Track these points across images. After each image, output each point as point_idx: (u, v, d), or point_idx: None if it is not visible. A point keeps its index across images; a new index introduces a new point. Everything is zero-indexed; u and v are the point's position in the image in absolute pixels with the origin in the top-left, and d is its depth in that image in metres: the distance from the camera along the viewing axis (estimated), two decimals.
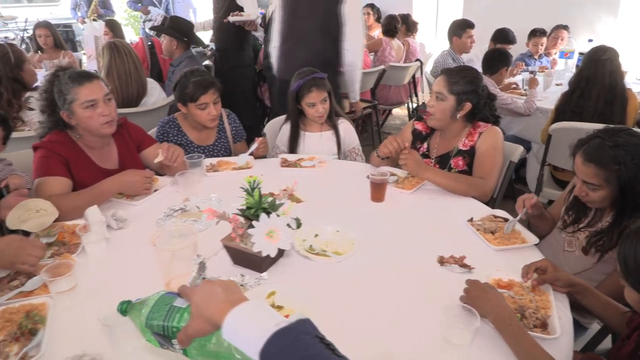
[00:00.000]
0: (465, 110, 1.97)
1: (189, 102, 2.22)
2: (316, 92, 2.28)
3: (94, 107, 1.79)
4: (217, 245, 1.43)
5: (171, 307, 0.86)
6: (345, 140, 2.45)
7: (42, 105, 1.84)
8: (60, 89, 1.78)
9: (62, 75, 1.80)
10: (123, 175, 1.83)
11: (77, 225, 1.60)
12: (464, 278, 1.28)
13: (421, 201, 1.84)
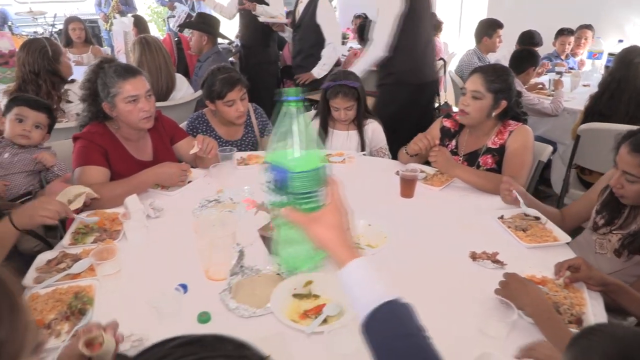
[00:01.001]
0: (500, 108, 1.97)
1: (216, 99, 2.26)
2: (342, 99, 2.33)
3: (135, 102, 1.84)
4: (252, 235, 1.47)
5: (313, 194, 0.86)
6: (372, 140, 2.48)
7: (84, 94, 1.89)
8: (104, 82, 1.83)
9: (107, 68, 1.85)
10: (161, 167, 1.88)
11: (118, 213, 1.65)
12: (496, 274, 1.30)
13: (450, 198, 1.85)
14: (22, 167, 1.81)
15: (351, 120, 2.42)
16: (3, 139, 1.81)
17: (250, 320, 1.20)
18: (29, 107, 1.80)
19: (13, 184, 1.76)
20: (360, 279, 0.80)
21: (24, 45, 2.71)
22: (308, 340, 1.12)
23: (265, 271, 1.36)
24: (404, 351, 0.73)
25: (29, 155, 1.83)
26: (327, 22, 3.68)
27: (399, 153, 2.20)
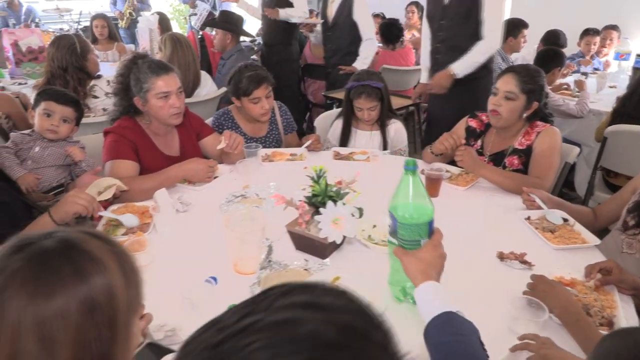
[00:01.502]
0: (532, 109, 1.95)
1: (242, 96, 2.28)
2: (365, 99, 2.33)
3: (166, 98, 1.88)
4: (279, 231, 1.49)
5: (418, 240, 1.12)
6: (394, 140, 2.48)
7: (117, 88, 1.93)
8: (138, 77, 1.87)
9: (141, 63, 1.88)
10: (189, 163, 1.91)
11: (147, 206, 1.69)
12: (524, 274, 1.29)
13: (476, 198, 1.85)
14: (52, 161, 1.85)
15: (374, 120, 2.43)
16: (33, 132, 1.86)
17: None
18: (55, 102, 1.84)
19: (44, 177, 1.81)
20: (427, 297, 0.96)
21: (54, 41, 2.78)
22: None
23: (293, 266, 1.38)
24: (452, 345, 0.83)
25: (59, 149, 1.88)
26: (365, 18, 3.68)
27: (424, 152, 2.20)
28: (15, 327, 0.58)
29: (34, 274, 0.61)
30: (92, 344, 0.62)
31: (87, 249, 0.66)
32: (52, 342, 0.58)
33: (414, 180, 1.12)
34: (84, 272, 0.63)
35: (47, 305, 0.59)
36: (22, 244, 0.64)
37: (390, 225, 1.16)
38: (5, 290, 0.59)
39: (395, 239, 1.15)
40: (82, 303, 0.61)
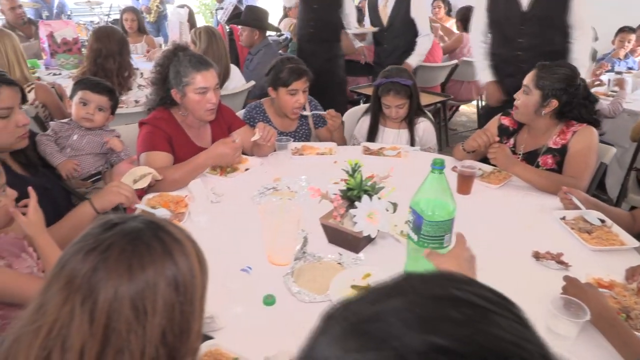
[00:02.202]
0: (550, 107, 1.91)
1: (280, 87, 2.29)
2: (393, 96, 2.32)
3: (204, 94, 1.90)
4: (313, 223, 1.49)
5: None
6: (422, 138, 2.46)
7: (155, 78, 1.96)
8: (178, 70, 1.89)
9: (182, 56, 1.90)
10: (215, 148, 1.90)
11: (181, 196, 1.72)
12: (561, 275, 1.27)
13: (509, 196, 1.82)
14: (90, 149, 1.90)
15: (402, 118, 2.41)
16: (71, 121, 1.90)
17: (311, 305, 1.22)
18: (91, 91, 1.88)
19: (83, 164, 1.85)
20: None
21: (101, 33, 2.81)
22: None
23: (327, 259, 1.39)
24: None
25: (96, 137, 1.92)
26: (422, 14, 3.67)
27: (455, 149, 2.18)
28: (112, 298, 0.61)
29: (129, 248, 0.64)
30: (176, 318, 0.65)
31: (171, 231, 0.70)
32: (144, 312, 0.62)
33: (441, 179, 1.17)
34: (172, 252, 0.67)
35: (140, 277, 0.63)
36: (110, 224, 0.68)
37: (412, 221, 1.21)
38: (101, 263, 0.62)
39: (417, 235, 1.19)
40: (170, 279, 0.65)
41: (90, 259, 0.63)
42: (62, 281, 0.62)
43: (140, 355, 0.62)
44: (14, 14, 4.26)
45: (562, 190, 1.70)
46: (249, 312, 1.20)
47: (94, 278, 0.62)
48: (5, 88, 1.41)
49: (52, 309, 0.61)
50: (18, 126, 1.45)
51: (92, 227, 0.68)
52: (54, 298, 0.62)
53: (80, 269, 0.62)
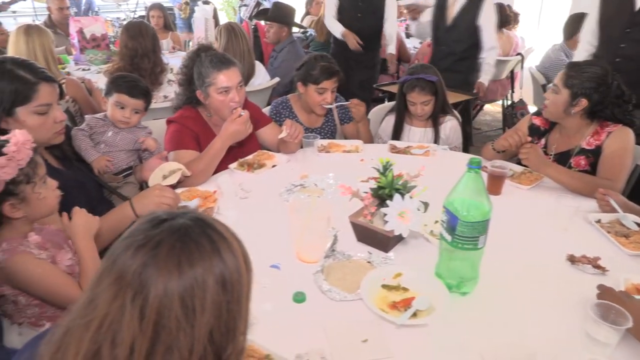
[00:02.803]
0: (580, 106, 1.86)
1: (310, 84, 2.30)
2: (418, 93, 2.29)
3: (227, 93, 1.90)
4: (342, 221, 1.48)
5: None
6: (449, 138, 2.43)
7: (181, 79, 1.98)
8: (200, 71, 1.90)
9: (204, 57, 1.91)
10: (226, 130, 1.87)
11: (209, 191, 1.73)
12: (598, 280, 1.24)
13: (541, 198, 1.78)
14: (123, 146, 1.92)
15: (428, 116, 2.38)
16: (106, 117, 1.93)
17: (341, 303, 1.21)
18: (128, 96, 1.89)
19: (115, 160, 1.88)
20: None
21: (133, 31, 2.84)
22: (400, 330, 1.12)
23: (356, 258, 1.38)
24: None
25: (129, 134, 1.95)
26: (491, 25, 3.34)
27: (484, 148, 2.14)
28: (162, 295, 0.61)
29: (177, 245, 0.64)
30: (223, 316, 0.65)
31: (219, 229, 0.70)
32: (192, 310, 0.62)
33: (477, 178, 1.16)
34: (219, 249, 0.67)
35: (189, 275, 0.63)
36: (158, 220, 0.68)
37: (446, 221, 1.20)
38: (151, 260, 0.62)
39: (451, 235, 1.18)
40: (218, 277, 0.65)
41: (140, 255, 0.63)
42: (113, 276, 0.63)
43: (188, 353, 0.62)
44: (62, 14, 4.41)
45: (600, 192, 1.65)
46: (279, 308, 1.20)
47: (144, 274, 0.62)
48: (45, 85, 1.43)
49: (103, 303, 0.62)
50: (56, 122, 1.48)
51: (141, 223, 0.68)
52: (105, 293, 0.62)
53: (131, 264, 0.62)
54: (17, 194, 1.16)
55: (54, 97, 1.47)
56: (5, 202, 1.16)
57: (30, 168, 1.18)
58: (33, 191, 1.19)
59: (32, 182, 1.18)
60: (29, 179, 1.17)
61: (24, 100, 1.40)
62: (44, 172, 1.23)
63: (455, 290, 1.24)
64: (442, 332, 1.12)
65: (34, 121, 1.41)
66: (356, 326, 1.13)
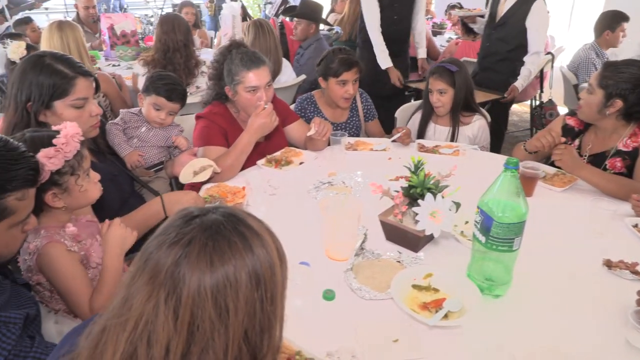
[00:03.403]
0: (614, 107, 1.81)
1: (330, 77, 2.31)
2: (435, 79, 2.28)
3: (255, 92, 1.91)
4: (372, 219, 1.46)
5: None
6: (477, 138, 2.40)
7: (212, 74, 1.99)
8: (230, 68, 1.91)
9: (234, 54, 1.91)
10: (252, 124, 1.88)
11: (238, 187, 1.74)
12: (636, 286, 1.20)
13: (575, 200, 1.74)
14: (155, 142, 1.96)
15: (446, 110, 2.34)
16: (141, 113, 1.96)
17: (371, 302, 1.21)
18: (166, 99, 1.91)
19: (147, 155, 1.92)
20: None
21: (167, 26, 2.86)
22: (431, 331, 1.11)
23: (385, 257, 1.37)
24: None
25: (162, 131, 1.98)
26: (539, 27, 3.17)
27: (515, 149, 2.10)
28: (195, 294, 0.60)
29: (209, 242, 0.63)
30: (257, 315, 0.63)
31: (251, 224, 0.68)
32: (226, 310, 0.61)
33: (514, 179, 1.14)
34: (252, 246, 0.65)
35: (222, 272, 0.61)
36: (190, 216, 0.66)
37: (480, 222, 1.19)
38: (184, 258, 0.61)
39: (485, 236, 1.17)
40: (251, 275, 0.63)
41: (173, 253, 0.62)
42: (146, 276, 0.62)
43: (223, 353, 0.61)
44: (87, 13, 4.53)
45: (634, 198, 1.60)
46: (309, 305, 1.20)
47: (176, 273, 0.61)
48: (82, 79, 1.47)
49: (137, 303, 0.61)
50: (91, 116, 1.51)
51: (174, 219, 0.67)
52: (139, 292, 0.62)
53: (164, 263, 0.62)
54: (61, 185, 1.20)
55: (90, 91, 1.50)
56: (49, 192, 1.19)
57: (76, 160, 1.21)
58: (76, 183, 1.22)
59: (76, 174, 1.21)
60: (74, 170, 1.21)
61: (62, 93, 1.44)
62: (88, 166, 1.26)
63: (487, 293, 1.22)
64: (475, 334, 1.10)
65: (71, 114, 1.45)
66: (386, 325, 1.13)
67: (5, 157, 0.94)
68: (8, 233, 0.97)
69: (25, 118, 1.42)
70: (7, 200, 0.94)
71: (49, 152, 1.12)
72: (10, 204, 0.95)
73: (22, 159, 0.98)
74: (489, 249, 1.16)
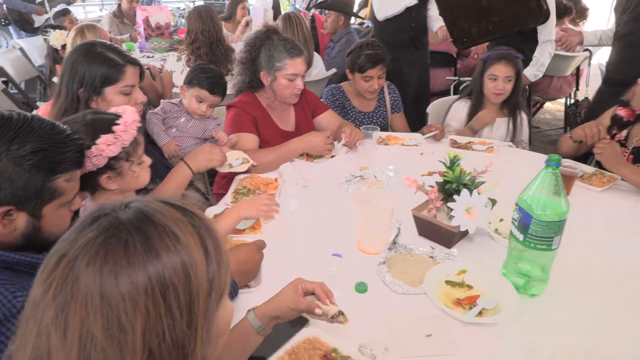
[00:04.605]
0: None
1: (356, 72, 2.34)
2: (504, 65, 2.22)
3: (293, 80, 1.94)
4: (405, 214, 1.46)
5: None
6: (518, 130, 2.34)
7: (244, 57, 2.00)
8: (272, 53, 1.92)
9: (276, 40, 1.94)
10: (308, 136, 1.97)
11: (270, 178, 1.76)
12: None
13: (615, 201, 1.70)
14: (193, 133, 1.99)
15: (506, 97, 2.28)
16: (181, 104, 2.00)
17: (404, 296, 1.20)
18: (209, 93, 1.95)
19: (184, 145, 1.96)
20: None
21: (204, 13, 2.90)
22: (465, 328, 1.10)
23: (418, 252, 1.36)
24: None
25: (200, 123, 2.01)
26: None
27: (561, 139, 2.07)
28: (82, 308, 0.52)
29: (104, 247, 0.54)
30: (165, 333, 0.54)
31: (162, 222, 0.58)
32: (119, 327, 0.52)
33: (556, 176, 1.12)
34: (157, 248, 0.55)
35: (114, 283, 0.52)
36: (99, 214, 0.58)
37: (519, 219, 1.16)
38: (76, 262, 0.54)
39: (524, 234, 1.14)
40: (153, 283, 0.54)
41: (67, 259, 0.55)
42: (45, 286, 0.55)
43: None
44: (130, 6, 4.66)
45: None
46: (341, 297, 1.20)
47: (67, 282, 0.53)
48: (130, 67, 1.53)
49: (40, 318, 0.54)
50: (137, 103, 1.56)
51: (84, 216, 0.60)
52: (38, 297, 0.55)
53: (54, 277, 0.54)
54: (116, 169, 1.25)
55: (136, 79, 1.56)
56: (104, 175, 1.24)
57: (132, 147, 1.26)
58: (130, 169, 1.27)
59: (130, 160, 1.27)
60: (129, 156, 1.26)
61: (113, 80, 1.50)
62: (142, 152, 1.31)
63: (523, 292, 1.20)
64: (510, 333, 1.09)
65: (119, 101, 1.51)
66: (419, 320, 1.12)
67: (55, 141, 0.97)
68: (57, 213, 1.00)
69: (75, 103, 1.49)
70: (57, 181, 0.97)
71: (108, 139, 1.18)
72: (60, 185, 0.98)
73: (70, 142, 1.01)
74: (527, 247, 1.14)
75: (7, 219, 0.93)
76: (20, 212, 0.94)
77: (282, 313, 0.99)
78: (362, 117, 2.47)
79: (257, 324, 0.99)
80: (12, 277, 0.90)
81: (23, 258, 0.93)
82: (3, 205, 0.91)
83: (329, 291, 1.00)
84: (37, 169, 0.93)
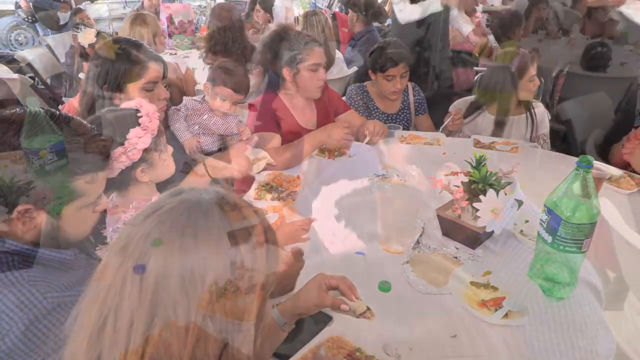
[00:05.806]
0: None
1: (378, 72, 2.33)
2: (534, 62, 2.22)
3: (316, 70, 1.96)
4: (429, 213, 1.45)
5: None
6: (539, 124, 2.31)
7: (263, 58, 2.02)
8: (292, 47, 1.95)
9: (293, 35, 1.97)
10: (324, 129, 1.98)
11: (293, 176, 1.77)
12: None
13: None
14: (214, 130, 2.00)
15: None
16: (204, 101, 2.01)
17: (427, 296, 1.20)
18: (233, 91, 1.95)
19: (206, 142, 1.97)
20: None
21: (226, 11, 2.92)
22: (490, 329, 1.09)
23: (442, 251, 1.35)
24: None
25: (222, 120, 2.02)
26: None
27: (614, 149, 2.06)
28: (160, 266, 0.57)
29: (185, 213, 0.60)
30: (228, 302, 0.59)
31: (240, 205, 0.64)
32: (192, 289, 0.57)
33: (587, 178, 1.10)
34: (231, 226, 0.61)
35: (192, 249, 0.58)
36: (177, 192, 0.65)
37: (547, 221, 1.14)
38: (155, 230, 0.59)
39: (552, 236, 1.13)
40: (224, 256, 0.59)
41: (147, 223, 0.60)
42: (119, 245, 0.60)
43: (184, 332, 0.57)
44: (151, 3, 4.77)
45: None
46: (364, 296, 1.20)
47: (146, 244, 0.58)
48: (153, 64, 1.54)
49: (109, 274, 0.59)
50: (159, 99, 1.58)
51: (161, 196, 0.66)
52: (111, 262, 0.60)
53: (136, 233, 0.59)
54: (147, 160, 1.27)
55: (159, 76, 1.58)
56: (138, 168, 1.26)
57: (157, 136, 1.28)
58: (159, 157, 1.30)
59: (158, 149, 1.29)
60: (157, 146, 1.28)
61: (136, 77, 1.52)
62: (165, 140, 1.32)
63: (550, 295, 1.18)
64: (537, 335, 1.07)
65: (142, 97, 1.51)
66: (444, 320, 1.12)
67: (77, 142, 0.95)
68: (78, 214, 0.97)
69: (100, 101, 1.51)
70: (77, 183, 0.95)
71: (138, 132, 1.20)
72: (80, 186, 0.95)
73: (93, 144, 0.98)
74: (556, 249, 1.12)
75: (27, 217, 0.90)
76: (40, 211, 0.91)
77: (306, 310, 1.00)
78: (385, 119, 2.44)
79: (282, 321, 0.99)
80: (42, 272, 0.89)
81: (53, 254, 0.93)
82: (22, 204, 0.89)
83: (352, 285, 1.00)
84: (56, 169, 0.90)
